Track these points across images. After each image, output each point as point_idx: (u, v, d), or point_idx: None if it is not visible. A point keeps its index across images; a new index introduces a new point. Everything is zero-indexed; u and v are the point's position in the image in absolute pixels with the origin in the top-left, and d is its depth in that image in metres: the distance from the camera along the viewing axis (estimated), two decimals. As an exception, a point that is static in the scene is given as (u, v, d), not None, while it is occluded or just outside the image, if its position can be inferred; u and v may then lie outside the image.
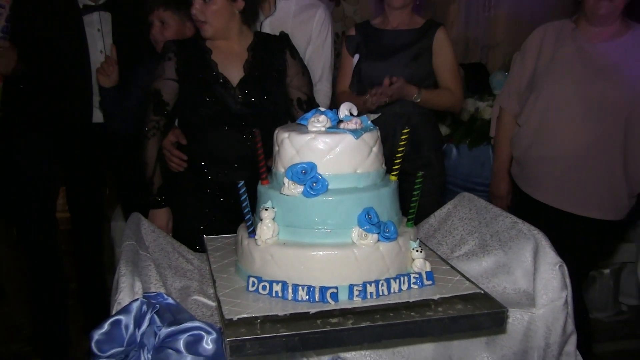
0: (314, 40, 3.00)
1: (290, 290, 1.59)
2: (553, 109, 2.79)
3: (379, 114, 2.96)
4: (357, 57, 3.08)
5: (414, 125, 2.92)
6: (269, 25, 2.97)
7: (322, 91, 3.00)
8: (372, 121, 2.88)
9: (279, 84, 2.62)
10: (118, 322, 1.37)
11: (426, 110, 3.05)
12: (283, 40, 2.68)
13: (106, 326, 1.37)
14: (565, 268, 1.66)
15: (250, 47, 2.59)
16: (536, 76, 2.86)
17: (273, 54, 2.62)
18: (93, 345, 1.36)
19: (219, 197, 2.57)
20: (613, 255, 3.94)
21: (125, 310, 1.39)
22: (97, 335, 1.36)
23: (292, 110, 2.64)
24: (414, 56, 3.04)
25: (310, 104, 2.63)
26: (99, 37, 3.35)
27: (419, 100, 2.91)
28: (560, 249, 1.71)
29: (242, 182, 1.71)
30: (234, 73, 2.54)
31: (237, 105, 2.52)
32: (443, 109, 3.16)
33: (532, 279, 1.68)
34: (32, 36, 2.80)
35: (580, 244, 2.75)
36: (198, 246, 2.13)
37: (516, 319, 1.63)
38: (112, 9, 3.35)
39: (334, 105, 2.86)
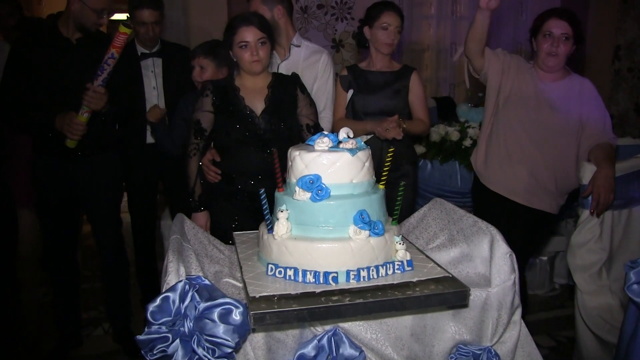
0: (319, 78, 2.98)
1: (300, 274, 1.58)
2: (509, 125, 2.80)
3: (372, 134, 2.95)
4: (351, 91, 3.06)
5: (395, 145, 2.91)
6: (285, 67, 2.96)
7: (326, 118, 2.99)
8: (364, 142, 2.90)
9: (292, 113, 2.60)
10: (167, 297, 1.37)
11: (406, 134, 3.04)
12: (294, 79, 2.67)
13: (158, 301, 1.37)
14: (514, 257, 1.65)
15: (269, 85, 2.58)
16: (498, 99, 2.85)
17: (287, 90, 2.61)
18: (148, 315, 1.36)
19: (246, 202, 2.55)
20: (548, 245, 3.96)
21: (172, 288, 1.39)
22: (151, 307, 1.37)
23: (302, 133, 2.62)
24: (395, 92, 3.04)
25: (316, 128, 2.62)
26: (152, 77, 3.37)
27: (404, 127, 2.90)
28: (510, 236, 1.70)
29: (262, 190, 1.70)
30: (257, 105, 2.53)
31: (260, 131, 2.51)
32: (418, 134, 3.15)
33: (489, 265, 1.67)
34: (109, 78, 2.83)
35: (522, 227, 2.77)
36: (230, 240, 2.13)
37: (476, 296, 1.62)
38: (162, 56, 3.37)
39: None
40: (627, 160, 2.81)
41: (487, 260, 1.69)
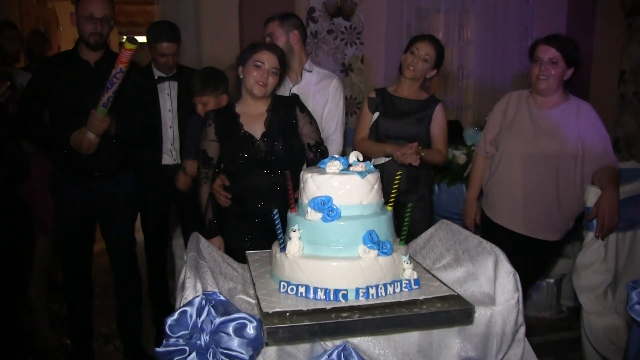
0: (329, 102, 3.04)
1: (311, 292, 1.62)
2: (509, 156, 2.85)
3: (390, 157, 3.00)
4: (377, 114, 3.12)
5: (414, 169, 2.95)
6: (296, 91, 3.02)
7: (336, 140, 3.04)
8: (383, 163, 2.95)
9: (293, 133, 2.64)
10: (185, 312, 1.42)
11: (422, 161, 3.07)
12: (293, 100, 2.72)
13: (176, 315, 1.42)
14: (518, 276, 1.69)
15: (269, 108, 2.63)
16: (501, 131, 2.93)
17: (286, 111, 2.65)
18: (167, 328, 1.41)
19: (258, 223, 2.60)
20: (555, 268, 3.96)
21: (190, 303, 1.44)
22: (169, 321, 1.41)
23: (305, 152, 2.67)
24: (419, 120, 3.09)
25: (317, 147, 2.66)
26: (168, 99, 3.45)
27: (423, 154, 2.93)
28: (513, 262, 1.74)
29: (276, 211, 1.76)
30: (257, 129, 2.58)
31: (260, 154, 2.56)
32: (434, 163, 3.19)
33: (493, 284, 1.71)
34: (124, 101, 2.90)
35: (527, 257, 2.78)
36: (241, 258, 2.16)
37: (481, 314, 1.66)
38: (178, 79, 3.46)
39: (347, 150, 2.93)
40: (631, 183, 2.85)
41: (491, 280, 1.73)
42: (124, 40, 2.80)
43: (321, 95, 3.04)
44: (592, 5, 5.91)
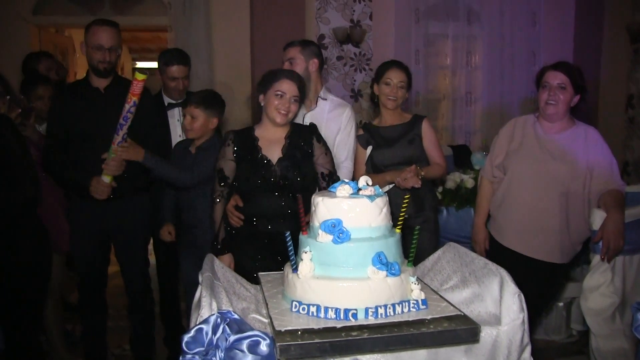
0: (342, 130, 3.11)
1: (322, 311, 1.67)
2: (517, 180, 2.90)
3: (393, 184, 3.07)
4: (370, 148, 3.21)
5: (418, 192, 3.00)
6: (310, 118, 3.10)
7: (347, 168, 3.10)
8: (387, 191, 2.97)
9: (308, 162, 2.72)
10: (201, 329, 1.47)
11: (427, 181, 3.14)
12: (312, 130, 2.81)
13: (193, 332, 1.47)
14: (522, 296, 1.72)
15: (287, 135, 2.72)
16: (508, 155, 2.98)
17: (304, 140, 2.74)
18: (183, 345, 1.46)
19: (267, 243, 2.66)
20: (565, 291, 3.96)
21: (205, 321, 1.49)
22: (186, 338, 1.47)
23: (318, 181, 2.75)
24: (409, 142, 3.17)
25: (331, 176, 2.74)
26: (178, 125, 3.55)
27: (423, 174, 2.99)
28: (521, 284, 1.77)
29: (288, 233, 1.82)
30: (274, 154, 2.67)
31: (276, 178, 2.64)
32: (437, 177, 3.26)
33: (499, 305, 1.74)
34: (137, 130, 2.99)
35: (535, 280, 2.80)
36: (250, 278, 2.19)
37: (487, 333, 1.69)
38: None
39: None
40: (637, 206, 2.89)
41: (497, 300, 1.75)
42: (136, 67, 2.92)
43: (334, 123, 3.11)
44: (599, 31, 6.00)
